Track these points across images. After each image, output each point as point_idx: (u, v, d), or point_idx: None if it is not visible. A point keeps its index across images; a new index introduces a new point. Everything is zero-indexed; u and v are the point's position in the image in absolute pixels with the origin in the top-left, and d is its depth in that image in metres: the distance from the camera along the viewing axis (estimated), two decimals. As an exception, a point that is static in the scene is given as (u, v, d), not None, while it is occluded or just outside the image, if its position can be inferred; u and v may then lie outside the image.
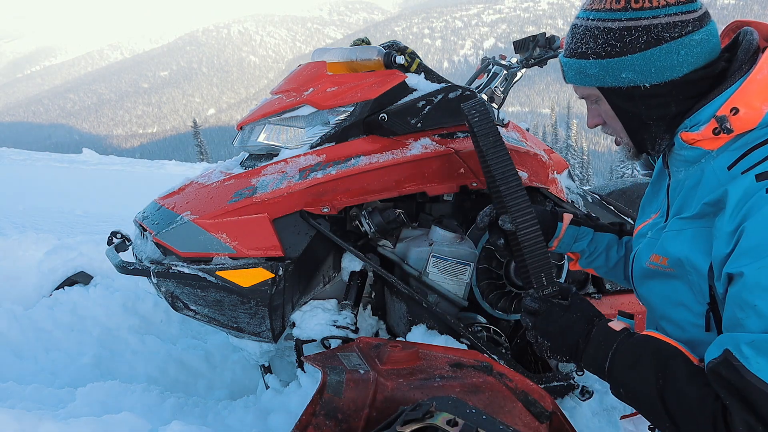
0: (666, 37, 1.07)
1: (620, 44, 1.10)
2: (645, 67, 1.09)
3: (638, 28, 1.08)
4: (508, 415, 1.11)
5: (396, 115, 1.80)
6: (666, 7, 1.07)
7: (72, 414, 1.67)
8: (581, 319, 1.18)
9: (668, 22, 1.07)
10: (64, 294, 2.63)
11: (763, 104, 1.03)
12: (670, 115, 1.15)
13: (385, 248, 1.87)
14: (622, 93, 1.14)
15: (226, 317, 1.72)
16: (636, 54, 1.09)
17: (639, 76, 1.11)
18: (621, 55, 1.10)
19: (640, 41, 1.08)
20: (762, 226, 0.94)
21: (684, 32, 1.07)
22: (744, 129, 1.04)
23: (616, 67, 1.12)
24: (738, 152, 1.04)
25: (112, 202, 6.69)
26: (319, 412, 1.07)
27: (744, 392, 0.90)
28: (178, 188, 1.86)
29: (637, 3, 1.08)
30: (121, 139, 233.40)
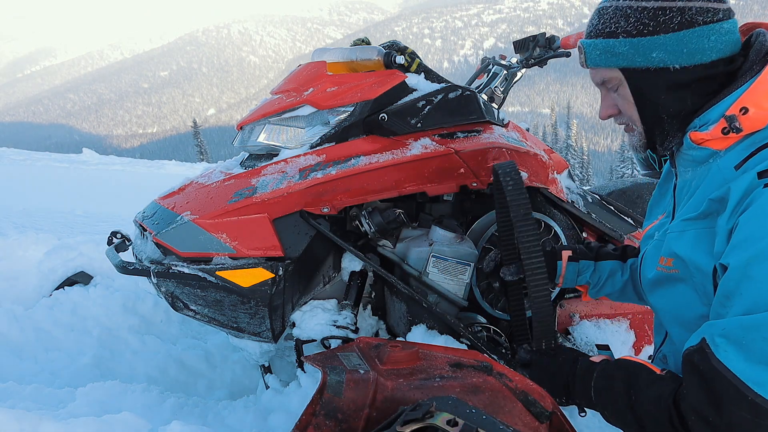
0: (699, 21, 1.08)
1: (654, 23, 1.10)
2: (677, 47, 1.10)
3: (673, 9, 1.09)
4: (508, 415, 1.11)
5: (396, 115, 1.80)
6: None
7: (72, 414, 1.67)
8: (566, 362, 1.28)
9: (702, 6, 1.08)
10: (64, 294, 2.63)
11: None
12: (685, 111, 1.15)
13: (385, 248, 1.87)
14: (647, 76, 1.14)
15: (226, 317, 1.72)
16: (669, 34, 1.09)
17: (670, 57, 1.10)
18: (654, 34, 1.10)
19: (674, 21, 1.09)
20: (753, 218, 0.96)
21: (716, 18, 1.08)
22: (753, 129, 1.05)
23: (648, 46, 1.11)
24: (746, 152, 1.05)
25: (112, 202, 6.69)
26: (319, 412, 1.07)
27: (707, 378, 0.95)
28: (178, 188, 1.86)
29: None
30: (121, 139, 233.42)
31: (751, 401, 0.92)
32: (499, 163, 1.57)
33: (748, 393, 0.92)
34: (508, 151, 1.97)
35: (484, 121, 1.97)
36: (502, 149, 1.95)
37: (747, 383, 0.92)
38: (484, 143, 1.91)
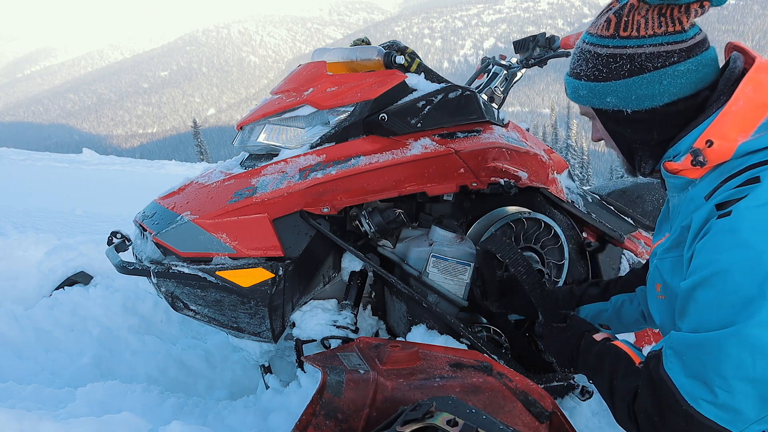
0: (649, 67, 1.10)
1: (606, 70, 1.14)
2: (627, 93, 1.13)
3: (623, 56, 1.12)
4: (508, 415, 1.11)
5: (396, 115, 1.80)
6: (652, 37, 1.09)
7: (72, 414, 1.67)
8: (573, 336, 1.36)
9: (653, 51, 1.10)
10: (64, 294, 2.63)
11: (739, 135, 1.05)
12: (653, 141, 1.19)
13: (385, 248, 1.87)
14: (609, 115, 1.19)
15: (226, 317, 1.72)
16: (619, 80, 1.13)
17: (621, 102, 1.15)
18: (606, 81, 1.15)
19: (624, 69, 1.12)
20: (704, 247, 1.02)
21: (668, 62, 1.09)
22: (719, 160, 1.07)
23: (601, 91, 1.16)
24: (715, 182, 1.07)
25: (112, 202, 6.69)
26: (319, 412, 1.07)
27: (655, 383, 1.06)
28: (178, 188, 1.86)
29: (626, 31, 1.11)
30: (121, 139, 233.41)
31: (685, 411, 1.00)
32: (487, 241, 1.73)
33: (682, 403, 1.00)
34: (508, 151, 1.97)
35: (484, 121, 1.97)
36: (502, 149, 1.96)
37: (683, 394, 1.01)
38: (484, 143, 1.91)
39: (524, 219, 1.99)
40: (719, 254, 0.98)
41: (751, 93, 1.06)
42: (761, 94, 1.06)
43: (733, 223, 0.98)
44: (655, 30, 1.09)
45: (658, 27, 1.09)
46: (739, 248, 0.96)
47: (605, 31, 1.14)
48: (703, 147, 1.07)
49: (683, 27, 1.09)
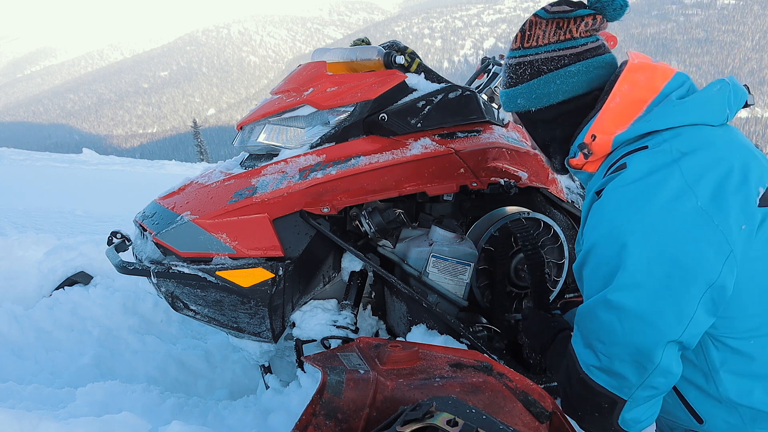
0: (544, 69, 1.28)
1: (515, 76, 1.33)
2: (529, 94, 1.31)
3: (525, 63, 1.30)
4: (508, 415, 1.11)
5: (396, 115, 1.80)
6: (547, 45, 1.28)
7: (72, 414, 1.67)
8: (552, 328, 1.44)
9: (547, 57, 1.28)
10: (64, 294, 2.63)
11: (617, 128, 1.19)
12: (557, 138, 1.34)
13: (385, 248, 1.87)
14: (522, 116, 1.37)
15: (226, 317, 1.72)
16: (524, 84, 1.31)
17: (527, 102, 1.32)
18: (515, 85, 1.33)
19: (526, 73, 1.31)
20: (586, 229, 1.18)
21: (560, 65, 1.27)
22: (602, 153, 1.22)
23: (512, 95, 1.35)
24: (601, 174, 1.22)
25: (112, 202, 6.69)
26: (319, 412, 1.07)
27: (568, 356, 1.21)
28: (178, 188, 1.86)
29: (528, 42, 1.30)
30: (121, 139, 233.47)
31: (581, 379, 1.15)
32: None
33: (580, 372, 1.15)
34: (508, 151, 1.97)
35: (484, 121, 1.97)
36: (502, 149, 1.96)
37: (580, 363, 1.16)
38: (484, 143, 1.92)
39: (524, 219, 1.99)
40: (591, 232, 1.14)
41: (626, 90, 1.20)
42: (636, 91, 1.20)
43: (602, 203, 1.14)
44: (549, 39, 1.28)
45: (552, 36, 1.27)
46: (604, 223, 1.11)
47: (515, 44, 1.34)
48: (590, 141, 1.22)
49: (572, 35, 1.26)
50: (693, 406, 1.18)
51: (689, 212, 1.04)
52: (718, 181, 1.06)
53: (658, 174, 1.08)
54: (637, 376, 1.09)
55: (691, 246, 1.03)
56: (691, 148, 1.10)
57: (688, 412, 1.19)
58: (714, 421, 1.16)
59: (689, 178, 1.06)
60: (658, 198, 1.06)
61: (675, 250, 1.03)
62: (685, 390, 1.19)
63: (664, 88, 1.19)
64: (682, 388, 1.19)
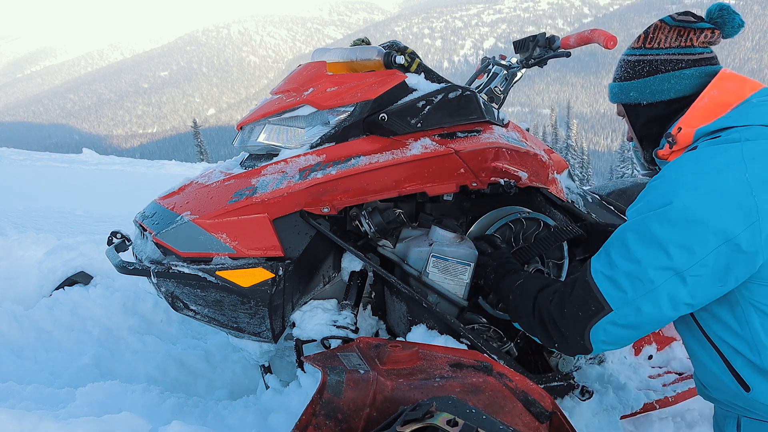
0: (662, 69, 1.43)
1: (632, 71, 1.48)
2: (644, 88, 1.45)
3: (645, 61, 1.45)
4: (508, 415, 1.11)
5: (396, 115, 1.80)
6: (668, 48, 1.43)
7: (72, 414, 1.67)
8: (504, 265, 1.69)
9: (666, 58, 1.43)
10: (64, 294, 2.63)
11: (701, 123, 1.33)
12: (654, 133, 1.48)
13: (385, 248, 1.87)
14: (631, 108, 1.51)
15: (226, 317, 1.72)
16: (641, 79, 1.46)
17: (640, 95, 1.47)
18: (631, 79, 1.48)
19: (644, 70, 1.45)
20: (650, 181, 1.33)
21: (677, 67, 1.42)
22: (685, 143, 1.36)
23: (626, 88, 1.49)
24: None
25: (112, 202, 6.69)
26: (319, 412, 1.07)
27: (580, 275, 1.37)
28: (178, 188, 1.86)
29: (650, 43, 1.45)
30: (121, 139, 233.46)
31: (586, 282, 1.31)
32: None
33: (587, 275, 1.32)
34: (508, 151, 1.97)
35: (484, 121, 1.96)
36: (502, 149, 1.95)
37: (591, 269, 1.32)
38: (484, 143, 1.91)
39: (523, 219, 1.99)
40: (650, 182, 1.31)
41: (715, 94, 1.34)
42: (724, 95, 1.34)
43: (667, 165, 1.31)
44: (671, 43, 1.43)
45: (673, 41, 1.42)
46: (664, 175, 1.27)
47: (636, 44, 1.49)
48: (676, 132, 1.36)
49: (692, 44, 1.41)
50: (740, 374, 1.27)
51: (735, 179, 1.18)
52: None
53: (721, 146, 1.25)
54: (634, 291, 1.23)
55: (723, 203, 1.17)
56: (755, 137, 1.25)
57: (736, 381, 1.28)
58: (760, 388, 1.24)
59: (747, 155, 1.21)
60: (714, 162, 1.22)
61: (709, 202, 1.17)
62: (732, 358, 1.28)
63: (751, 97, 1.33)
64: (729, 356, 1.28)
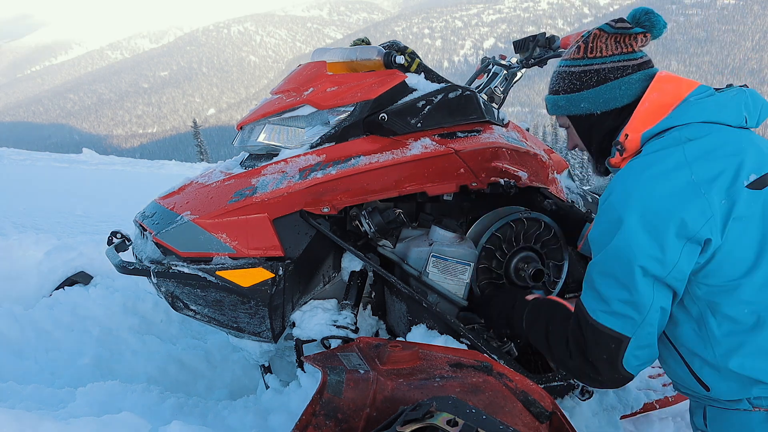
0: (611, 77, 1.43)
1: (579, 82, 1.47)
2: (596, 98, 1.45)
3: (591, 71, 1.45)
4: (508, 415, 1.11)
5: (396, 115, 1.80)
6: (612, 56, 1.43)
7: (72, 414, 1.67)
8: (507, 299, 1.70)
9: (613, 66, 1.43)
10: (64, 294, 2.63)
11: (645, 127, 1.37)
12: (606, 141, 1.49)
13: (385, 248, 1.87)
14: (583, 119, 1.51)
15: (226, 317, 1.72)
16: (590, 89, 1.46)
17: (592, 106, 1.47)
18: (580, 90, 1.47)
19: (593, 80, 1.45)
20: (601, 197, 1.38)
21: (625, 73, 1.43)
22: (633, 148, 1.39)
23: (576, 99, 1.48)
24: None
25: (112, 202, 6.69)
26: (319, 412, 1.07)
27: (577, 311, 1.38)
28: (178, 188, 1.86)
29: (592, 53, 1.45)
30: (121, 139, 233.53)
31: (592, 325, 1.31)
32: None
33: (589, 318, 1.32)
34: (508, 151, 1.97)
35: (484, 121, 1.97)
36: (502, 149, 1.95)
37: (587, 310, 1.33)
38: (484, 143, 1.91)
39: (524, 219, 1.99)
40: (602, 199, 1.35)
41: (655, 97, 1.37)
42: (663, 97, 1.37)
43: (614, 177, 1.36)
44: (613, 51, 1.43)
45: (615, 49, 1.43)
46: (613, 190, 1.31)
47: (576, 54, 1.48)
48: (623, 140, 1.40)
49: (633, 49, 1.43)
50: (699, 375, 1.32)
51: (682, 183, 1.23)
52: (713, 163, 1.25)
53: (664, 151, 1.29)
54: (638, 312, 1.26)
55: (679, 205, 1.22)
56: (698, 136, 1.29)
57: (696, 381, 1.33)
58: (718, 387, 1.29)
59: (690, 156, 1.26)
60: (660, 167, 1.27)
61: (666, 207, 1.23)
62: (690, 360, 1.33)
63: (688, 95, 1.36)
64: (688, 359, 1.33)
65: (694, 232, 1.22)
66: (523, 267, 1.97)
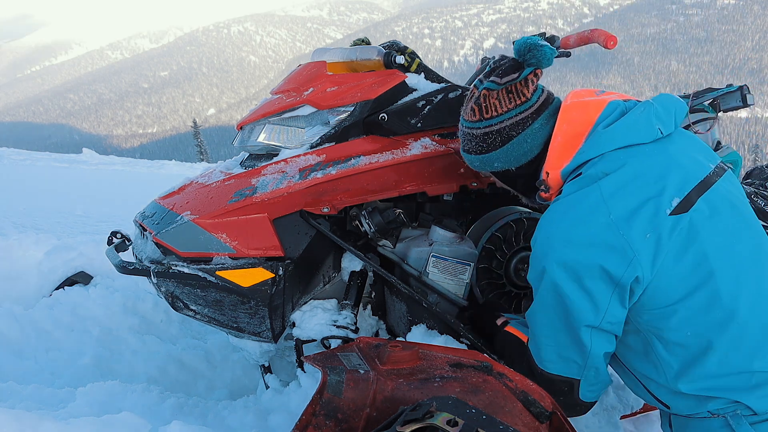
0: (513, 134, 1.42)
1: (485, 144, 1.46)
2: (506, 157, 1.46)
3: (492, 132, 1.44)
4: (508, 415, 1.11)
5: (396, 115, 1.80)
6: (508, 112, 1.41)
7: (72, 414, 1.67)
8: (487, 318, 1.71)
9: (512, 122, 1.41)
10: (64, 294, 2.63)
11: (563, 162, 1.35)
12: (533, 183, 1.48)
13: (385, 248, 1.87)
14: (501, 174, 1.53)
15: (226, 317, 1.72)
16: (498, 150, 1.45)
17: (505, 164, 1.47)
18: (488, 152, 1.47)
19: (497, 141, 1.44)
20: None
21: (526, 126, 1.41)
22: (556, 186, 1.39)
23: (488, 160, 1.49)
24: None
25: (112, 202, 6.69)
26: (319, 412, 1.07)
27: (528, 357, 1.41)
28: (178, 188, 1.86)
29: (488, 113, 1.43)
30: (121, 139, 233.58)
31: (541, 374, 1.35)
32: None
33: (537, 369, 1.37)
34: (508, 151, 1.97)
35: (484, 121, 1.96)
36: (502, 149, 1.95)
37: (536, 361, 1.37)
38: (484, 143, 1.91)
39: (524, 219, 1.99)
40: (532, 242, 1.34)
41: (566, 129, 1.35)
42: (573, 127, 1.35)
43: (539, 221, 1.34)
44: (507, 106, 1.41)
45: (509, 103, 1.40)
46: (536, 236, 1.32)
47: (473, 117, 1.46)
48: (545, 178, 1.39)
49: (527, 96, 1.40)
50: (657, 396, 1.34)
51: (601, 225, 1.21)
52: (631, 197, 1.23)
53: (581, 192, 1.27)
54: (581, 357, 1.29)
55: (599, 253, 1.21)
56: (613, 168, 1.26)
57: (656, 401, 1.36)
58: (677, 405, 1.32)
59: (606, 193, 1.24)
60: (578, 210, 1.25)
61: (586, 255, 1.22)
62: (647, 383, 1.35)
63: (598, 118, 1.33)
64: (644, 382, 1.35)
65: (618, 277, 1.20)
66: (523, 267, 1.97)
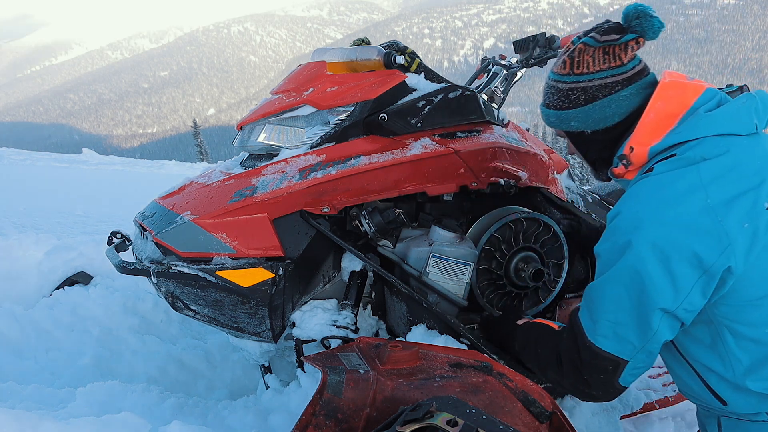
0: (599, 96, 1.37)
1: (567, 101, 1.41)
2: (585, 118, 1.40)
3: (578, 89, 1.38)
4: (508, 415, 1.11)
5: (396, 115, 1.80)
6: (599, 72, 1.36)
7: (72, 414, 1.67)
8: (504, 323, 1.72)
9: (601, 83, 1.36)
10: (64, 294, 2.63)
11: (652, 140, 1.30)
12: (605, 154, 1.44)
13: (385, 248, 1.87)
14: (575, 135, 1.47)
15: (226, 317, 1.72)
16: (578, 108, 1.40)
17: (582, 125, 1.42)
18: (568, 109, 1.41)
19: (580, 99, 1.39)
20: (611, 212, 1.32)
21: (614, 91, 1.36)
22: (640, 163, 1.34)
23: (565, 117, 1.43)
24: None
25: (112, 202, 6.69)
26: (319, 412, 1.07)
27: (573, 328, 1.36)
28: (178, 188, 1.86)
29: (579, 69, 1.38)
30: (121, 139, 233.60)
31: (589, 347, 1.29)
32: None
33: (587, 341, 1.30)
34: (508, 151, 1.97)
35: (484, 121, 1.96)
36: (502, 149, 1.96)
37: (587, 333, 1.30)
38: (484, 143, 1.91)
39: (523, 219, 1.99)
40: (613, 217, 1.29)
41: (660, 106, 1.31)
42: (669, 106, 1.30)
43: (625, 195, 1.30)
44: (600, 66, 1.35)
45: (602, 63, 1.35)
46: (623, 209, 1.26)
47: (563, 70, 1.41)
48: (628, 153, 1.33)
49: (623, 62, 1.35)
50: (715, 390, 1.30)
51: (697, 208, 1.17)
52: (731, 185, 1.19)
53: (678, 171, 1.22)
54: (639, 339, 1.24)
55: (693, 236, 1.16)
56: (712, 155, 1.22)
57: (712, 395, 1.31)
58: (736, 402, 1.28)
59: (705, 178, 1.19)
60: (673, 189, 1.20)
61: (679, 237, 1.17)
62: (706, 376, 1.30)
63: (695, 102, 1.29)
64: (704, 374, 1.31)
65: (709, 264, 1.16)
66: (523, 267, 1.97)
